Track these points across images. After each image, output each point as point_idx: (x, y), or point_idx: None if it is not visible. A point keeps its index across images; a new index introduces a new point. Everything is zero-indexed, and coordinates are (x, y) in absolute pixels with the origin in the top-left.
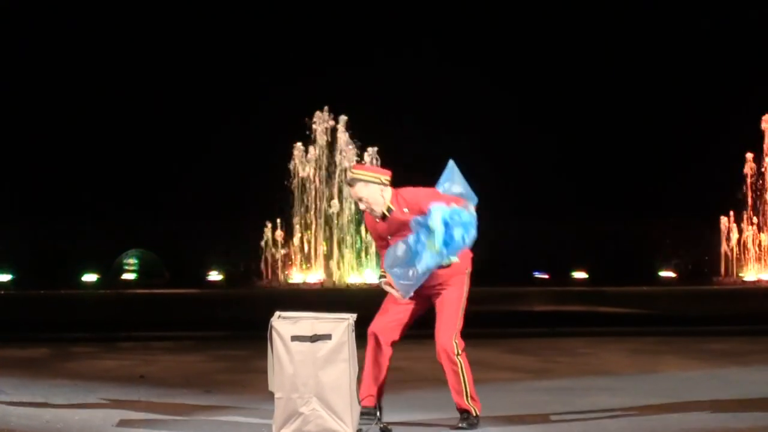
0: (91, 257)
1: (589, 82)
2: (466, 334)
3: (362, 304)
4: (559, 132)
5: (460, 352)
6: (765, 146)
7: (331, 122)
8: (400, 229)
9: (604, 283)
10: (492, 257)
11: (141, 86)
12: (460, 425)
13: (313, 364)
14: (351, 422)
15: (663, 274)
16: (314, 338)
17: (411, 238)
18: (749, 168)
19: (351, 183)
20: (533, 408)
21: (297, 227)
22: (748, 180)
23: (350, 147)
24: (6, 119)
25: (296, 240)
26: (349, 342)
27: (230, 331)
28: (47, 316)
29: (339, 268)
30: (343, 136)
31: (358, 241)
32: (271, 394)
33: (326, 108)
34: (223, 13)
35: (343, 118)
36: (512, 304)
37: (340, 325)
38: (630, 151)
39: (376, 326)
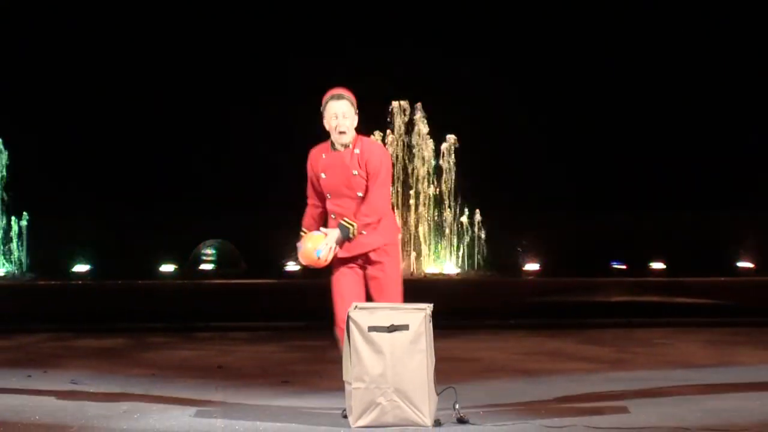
0: (169, 248)
1: (658, 74)
2: (543, 325)
3: (440, 294)
4: (639, 126)
5: None
6: None
7: (407, 111)
8: (340, 169)
9: (681, 273)
10: (570, 248)
11: (217, 82)
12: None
13: (390, 355)
14: (429, 413)
15: (741, 264)
16: (391, 328)
17: None
18: None
19: (340, 97)
20: (610, 399)
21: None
22: None
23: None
24: (88, 109)
25: None
26: (427, 332)
27: (307, 321)
28: (125, 306)
29: (416, 258)
30: (422, 126)
31: (435, 232)
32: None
33: (400, 101)
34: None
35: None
36: (589, 294)
37: (418, 315)
38: (709, 143)
39: (341, 322)
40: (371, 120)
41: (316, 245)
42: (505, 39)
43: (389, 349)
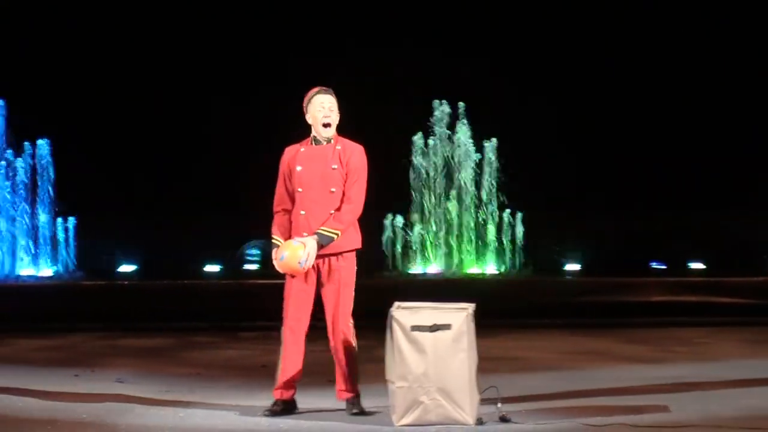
0: (214, 248)
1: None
2: (583, 324)
3: (481, 294)
4: (680, 126)
5: (354, 335)
6: None
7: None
8: (319, 162)
9: (720, 273)
10: (610, 248)
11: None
12: (354, 411)
13: (433, 354)
14: (471, 411)
15: None
16: (434, 328)
17: None
18: None
19: (328, 92)
20: (651, 398)
21: (417, 217)
22: None
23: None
24: (136, 112)
25: (416, 230)
26: (469, 331)
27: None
28: (170, 306)
29: (459, 258)
30: (464, 128)
31: (476, 233)
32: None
33: (445, 98)
34: None
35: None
36: (629, 294)
37: (460, 314)
38: (747, 143)
39: (291, 321)
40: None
41: (296, 255)
42: (536, 51)
43: (432, 349)
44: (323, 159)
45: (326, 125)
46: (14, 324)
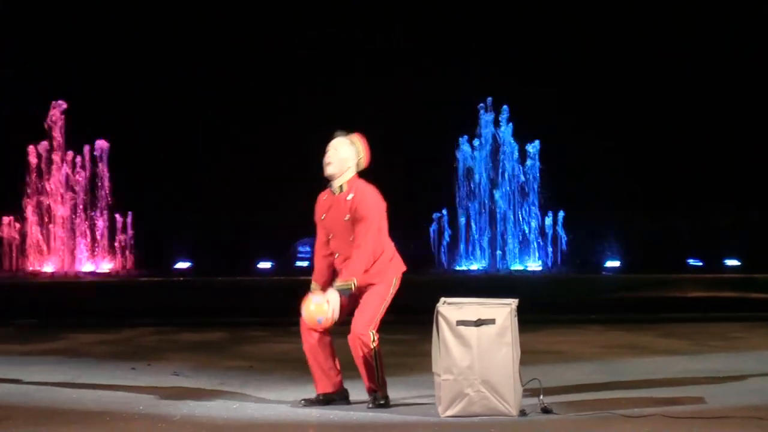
0: (267, 246)
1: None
2: (622, 319)
3: (524, 289)
4: (715, 126)
5: (376, 341)
6: None
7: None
8: (335, 213)
9: (755, 270)
10: (648, 245)
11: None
12: (369, 405)
13: (477, 348)
14: (514, 403)
15: None
16: (479, 323)
17: None
18: None
19: (338, 135)
20: (686, 390)
21: (461, 216)
22: None
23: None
24: (193, 118)
25: (460, 228)
26: (512, 326)
27: (397, 315)
28: (224, 301)
29: (503, 256)
30: (507, 130)
31: (519, 231)
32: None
33: (489, 100)
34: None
35: (505, 109)
36: (667, 290)
37: (503, 309)
38: None
39: None
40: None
41: (321, 311)
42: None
43: (476, 343)
44: (338, 210)
45: (326, 164)
46: (73, 319)
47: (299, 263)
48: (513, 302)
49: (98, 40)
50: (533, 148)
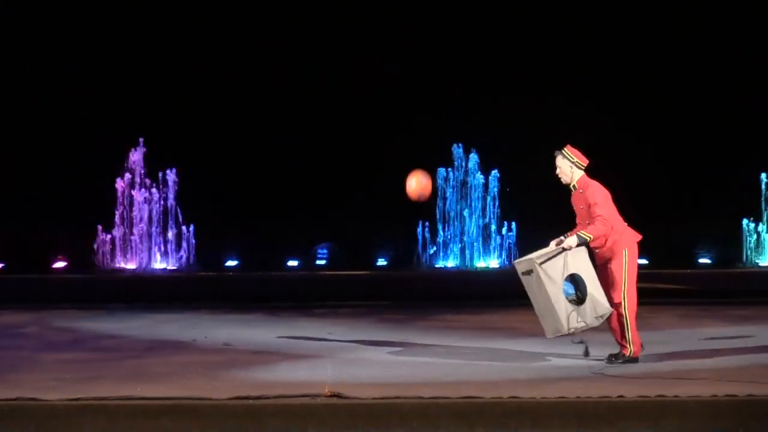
0: (294, 248)
1: None
2: None
3: (487, 282)
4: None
5: (626, 306)
6: None
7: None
8: (577, 203)
9: (660, 267)
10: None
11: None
12: (615, 360)
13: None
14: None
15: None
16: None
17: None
18: None
19: (557, 154)
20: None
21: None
22: None
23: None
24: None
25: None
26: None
27: (391, 301)
28: (262, 290)
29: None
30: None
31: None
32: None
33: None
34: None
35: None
36: None
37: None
38: None
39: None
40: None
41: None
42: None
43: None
44: (577, 200)
45: (561, 178)
46: (149, 303)
47: (318, 262)
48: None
49: (168, 79)
50: (493, 176)
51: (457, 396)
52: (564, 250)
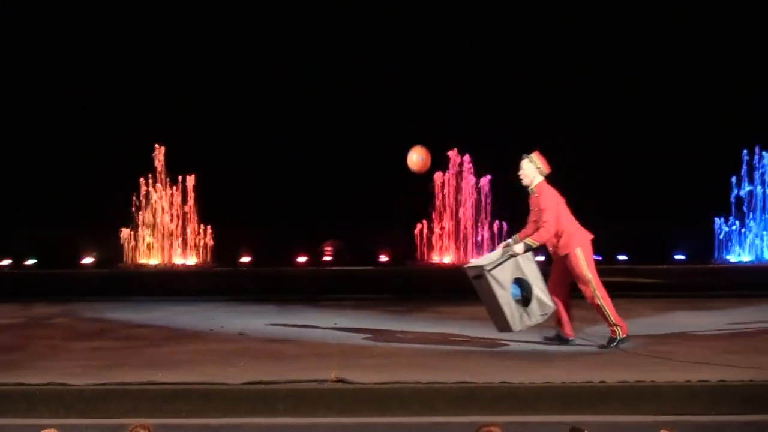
0: (303, 245)
1: None
2: None
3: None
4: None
5: (597, 294)
6: None
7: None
8: (533, 205)
9: (638, 263)
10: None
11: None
12: (609, 345)
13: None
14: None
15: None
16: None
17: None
18: None
19: (524, 157)
20: (592, 343)
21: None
22: None
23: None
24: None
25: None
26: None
27: (393, 294)
28: (273, 285)
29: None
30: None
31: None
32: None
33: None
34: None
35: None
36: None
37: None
38: None
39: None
40: None
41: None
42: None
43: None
44: (533, 203)
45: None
46: (167, 296)
47: (325, 258)
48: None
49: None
50: (484, 179)
51: (452, 381)
52: (512, 256)
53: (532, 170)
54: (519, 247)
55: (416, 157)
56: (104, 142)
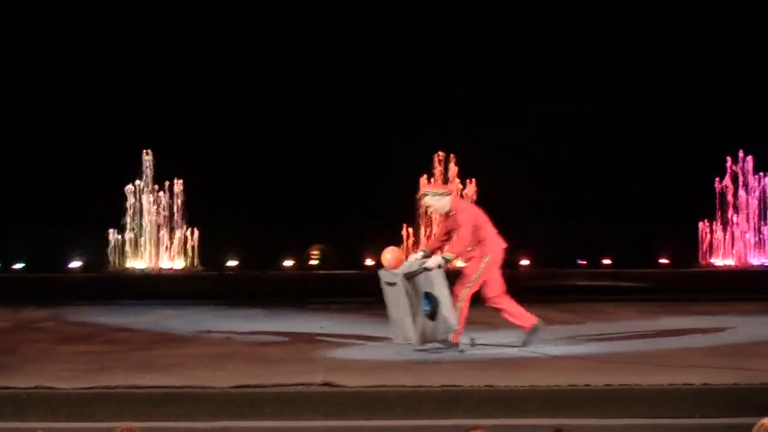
0: (289, 250)
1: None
2: (530, 300)
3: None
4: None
5: (462, 297)
6: None
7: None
8: (449, 224)
9: (622, 267)
10: (548, 248)
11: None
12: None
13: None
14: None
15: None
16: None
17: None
18: None
19: (421, 196)
20: (577, 347)
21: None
22: None
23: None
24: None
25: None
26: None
27: (379, 297)
28: (260, 288)
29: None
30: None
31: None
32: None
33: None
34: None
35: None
36: (563, 280)
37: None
38: None
39: None
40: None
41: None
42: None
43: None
44: (450, 221)
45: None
46: (157, 300)
47: (311, 262)
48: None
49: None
50: (469, 184)
51: (437, 384)
52: (426, 269)
53: (438, 200)
54: (435, 261)
55: (390, 256)
56: (92, 147)
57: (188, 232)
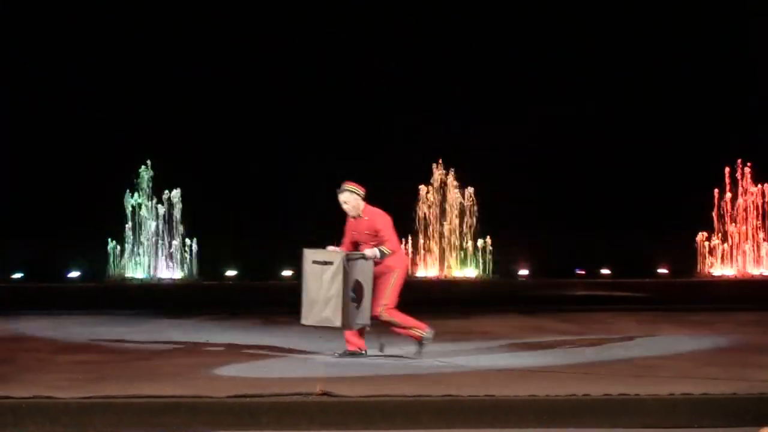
0: (287, 260)
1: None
2: (529, 310)
3: (463, 291)
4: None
5: (383, 313)
6: None
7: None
8: (360, 229)
9: (621, 277)
10: (548, 259)
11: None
12: (419, 350)
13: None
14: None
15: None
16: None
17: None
18: None
19: (342, 191)
20: (576, 356)
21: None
22: None
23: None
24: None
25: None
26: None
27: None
28: (259, 297)
29: (448, 265)
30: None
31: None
32: None
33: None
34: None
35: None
36: (562, 290)
37: (339, 256)
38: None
39: None
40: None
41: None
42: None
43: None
44: (360, 227)
45: (349, 211)
46: (156, 310)
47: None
48: (342, 254)
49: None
50: (468, 192)
51: (437, 394)
52: (364, 257)
53: (356, 199)
54: (373, 252)
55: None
56: (90, 156)
57: (190, 242)
